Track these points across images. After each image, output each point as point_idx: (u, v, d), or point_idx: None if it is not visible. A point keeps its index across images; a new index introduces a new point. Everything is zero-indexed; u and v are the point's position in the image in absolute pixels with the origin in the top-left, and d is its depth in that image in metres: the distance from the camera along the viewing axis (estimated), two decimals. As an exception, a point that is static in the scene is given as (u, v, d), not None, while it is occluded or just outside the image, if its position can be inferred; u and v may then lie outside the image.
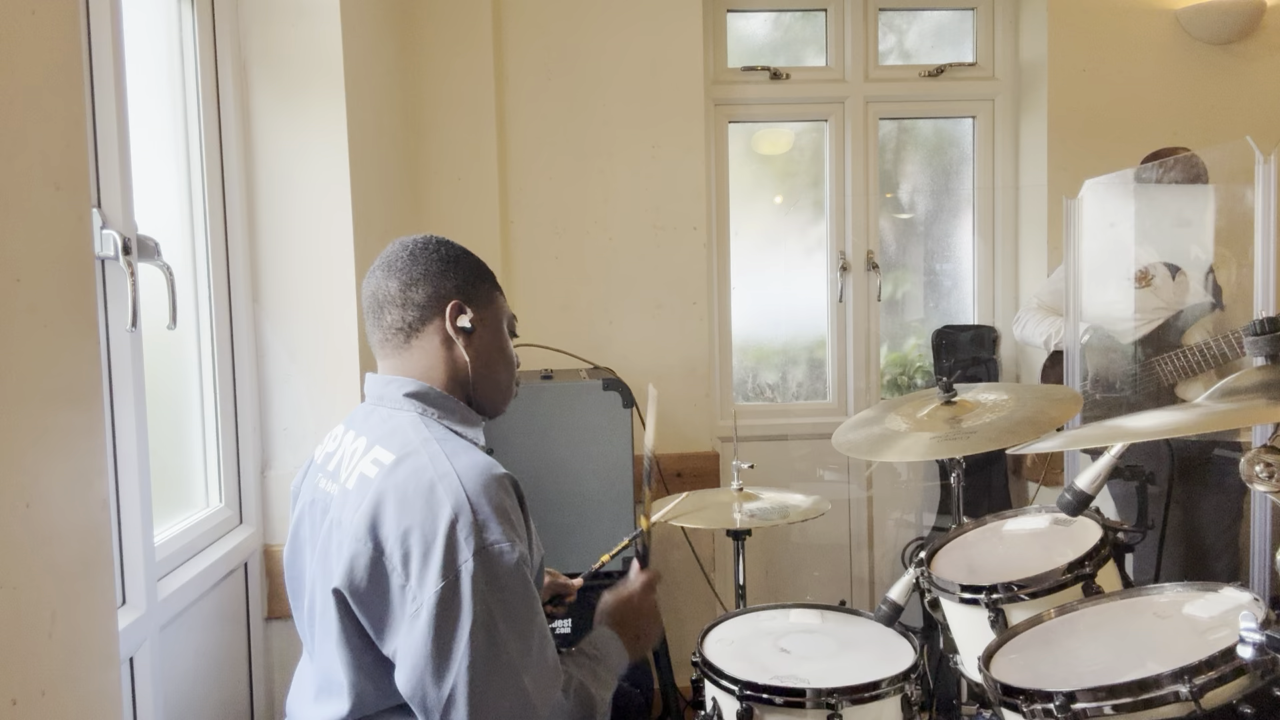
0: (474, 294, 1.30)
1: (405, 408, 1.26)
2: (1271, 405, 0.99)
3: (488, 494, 1.12)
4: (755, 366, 3.25)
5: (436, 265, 1.29)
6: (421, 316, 1.28)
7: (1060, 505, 1.48)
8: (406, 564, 1.10)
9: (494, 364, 1.33)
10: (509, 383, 1.37)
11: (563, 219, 2.86)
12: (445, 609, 1.08)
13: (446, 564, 1.08)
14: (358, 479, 1.20)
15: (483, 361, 1.31)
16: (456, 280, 1.29)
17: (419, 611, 1.08)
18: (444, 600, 1.08)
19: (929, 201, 3.27)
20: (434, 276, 1.28)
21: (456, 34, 2.74)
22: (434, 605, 1.07)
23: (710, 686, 1.56)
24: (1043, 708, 1.17)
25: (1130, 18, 3.01)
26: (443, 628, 1.08)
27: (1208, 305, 2.51)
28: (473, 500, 1.11)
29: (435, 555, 1.08)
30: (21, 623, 0.83)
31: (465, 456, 1.17)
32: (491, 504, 1.12)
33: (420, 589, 1.09)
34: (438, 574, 1.08)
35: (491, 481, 1.14)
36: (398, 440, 1.20)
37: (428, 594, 1.08)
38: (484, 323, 1.31)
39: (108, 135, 1.34)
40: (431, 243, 1.31)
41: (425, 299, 1.28)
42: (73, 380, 0.93)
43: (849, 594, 3.11)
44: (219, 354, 1.82)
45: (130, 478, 1.38)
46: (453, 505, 1.10)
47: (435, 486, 1.12)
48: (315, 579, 1.24)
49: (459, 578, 1.08)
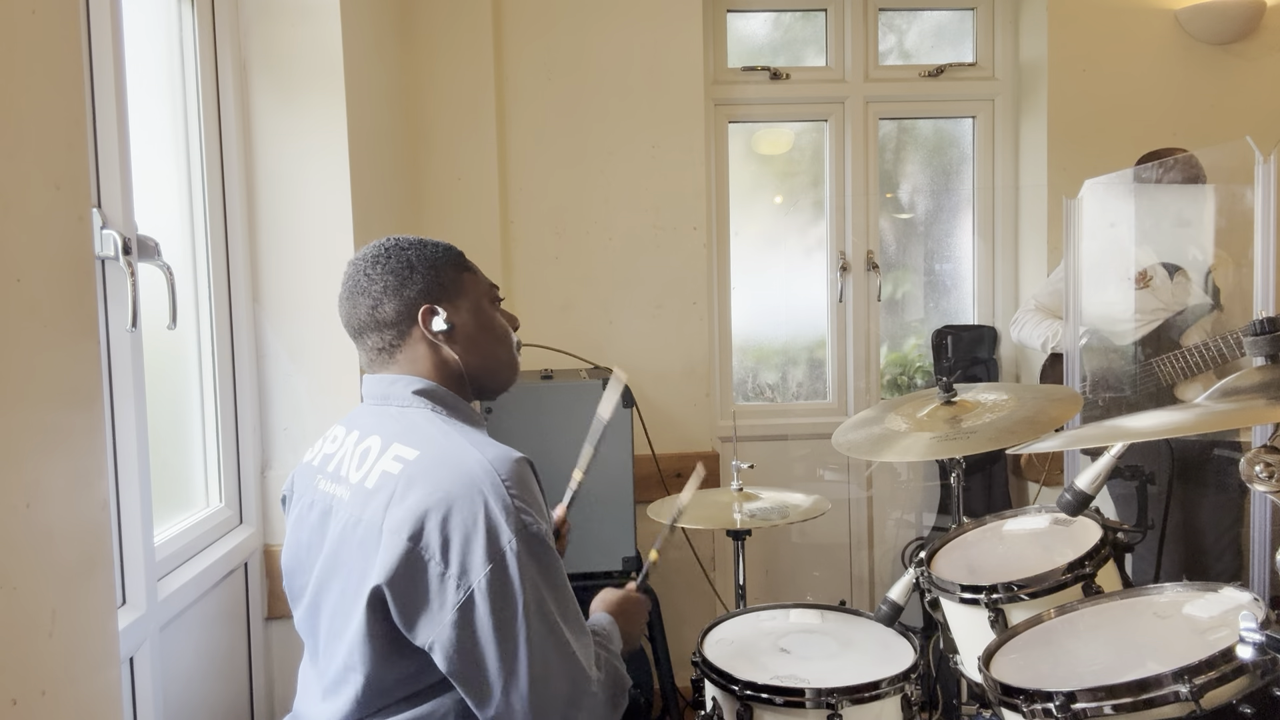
0: (441, 290, 1.29)
1: (415, 405, 1.26)
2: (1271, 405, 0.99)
3: (518, 477, 1.15)
4: (755, 366, 3.25)
5: (393, 278, 1.27)
6: (398, 332, 1.28)
7: (1060, 505, 1.48)
8: (446, 552, 1.11)
9: (485, 346, 1.32)
10: (509, 355, 1.36)
11: (563, 219, 2.86)
12: (497, 591, 1.09)
13: (491, 548, 1.10)
14: (379, 476, 1.19)
15: (473, 350, 1.31)
16: (420, 283, 1.28)
17: (469, 597, 1.10)
18: (494, 582, 1.09)
19: (929, 201, 3.27)
20: (394, 289, 1.27)
21: (457, 34, 2.74)
22: (485, 588, 1.09)
23: (710, 686, 1.56)
24: (1043, 708, 1.17)
25: (1130, 18, 3.01)
26: (497, 609, 1.09)
27: (1207, 306, 2.51)
28: (507, 484, 1.13)
29: (478, 540, 1.10)
30: (21, 623, 0.83)
31: (489, 444, 1.19)
32: (523, 486, 1.15)
33: (464, 575, 1.10)
34: (483, 558, 1.09)
35: (519, 465, 1.17)
36: (418, 435, 1.21)
37: (475, 578, 1.09)
38: (461, 312, 1.30)
39: (108, 135, 1.34)
40: (382, 254, 1.29)
41: (395, 315, 1.27)
42: (73, 380, 0.93)
43: (849, 594, 3.11)
44: (219, 354, 1.82)
45: (130, 478, 1.39)
46: (489, 490, 1.12)
47: (468, 474, 1.13)
48: (324, 580, 1.24)
49: (505, 559, 1.10)
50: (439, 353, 1.29)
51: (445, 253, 1.32)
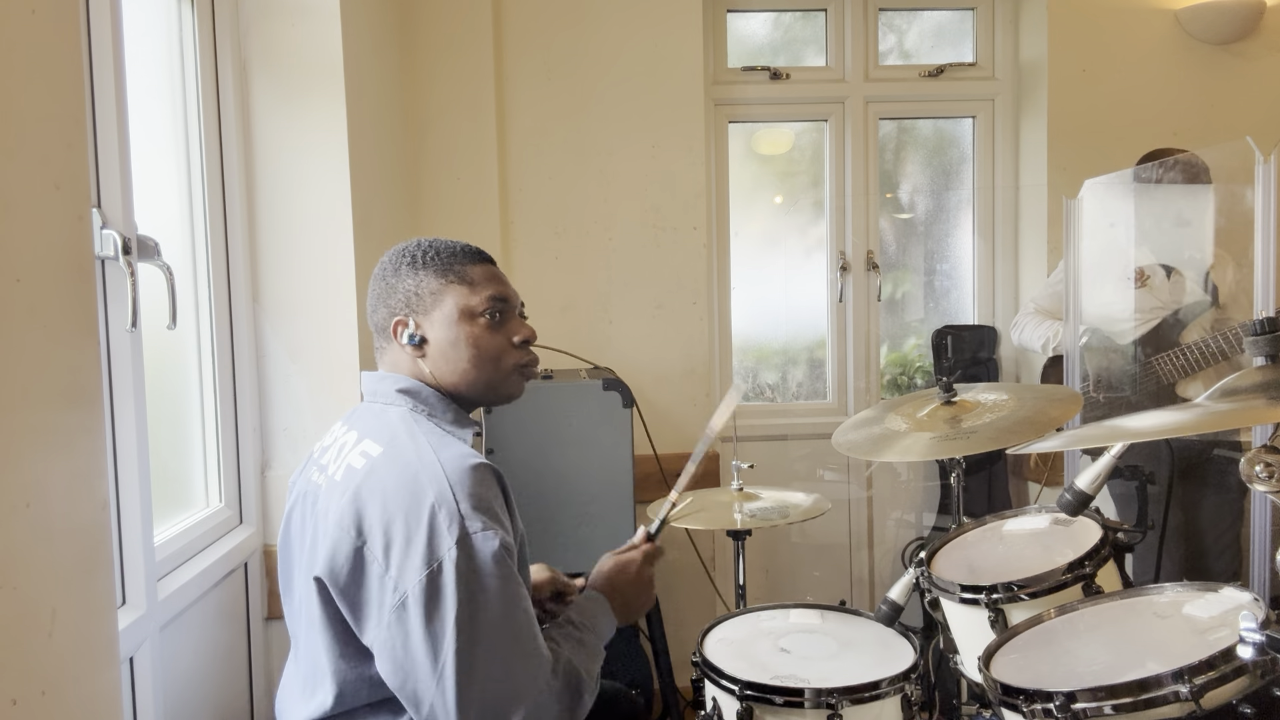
0: (418, 301, 1.29)
1: (396, 403, 1.28)
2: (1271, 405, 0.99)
3: (469, 483, 1.14)
4: (755, 366, 3.25)
5: (383, 285, 1.31)
6: (384, 338, 1.33)
7: (1060, 505, 1.48)
8: (388, 553, 1.11)
9: (456, 364, 1.29)
10: (488, 373, 1.30)
11: (563, 219, 2.86)
12: (429, 597, 1.09)
13: (429, 552, 1.09)
14: (345, 470, 1.21)
15: (443, 366, 1.30)
16: (402, 294, 1.30)
17: (403, 601, 1.09)
18: (428, 589, 1.09)
19: (929, 201, 3.27)
20: (383, 297, 1.32)
21: (457, 34, 2.74)
22: (419, 594, 1.09)
23: (710, 686, 1.56)
24: (1043, 708, 1.17)
25: (1130, 18, 3.01)
26: (427, 616, 1.09)
27: (1205, 304, 2.51)
28: (455, 490, 1.12)
29: (418, 544, 1.10)
30: (21, 623, 0.83)
31: (449, 448, 1.19)
32: (473, 493, 1.13)
33: (402, 577, 1.10)
34: (421, 562, 1.09)
35: (473, 471, 1.15)
36: (385, 433, 1.22)
37: (410, 582, 1.09)
38: (435, 326, 1.29)
39: (108, 135, 1.34)
40: (391, 258, 1.33)
41: (381, 322, 1.32)
42: (73, 380, 0.93)
43: (849, 594, 3.11)
44: (219, 354, 1.82)
45: (130, 478, 1.39)
46: (435, 495, 1.12)
47: (419, 476, 1.13)
48: (302, 570, 1.25)
49: (442, 566, 1.09)
50: (415, 364, 1.31)
51: (439, 261, 1.30)
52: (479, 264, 1.32)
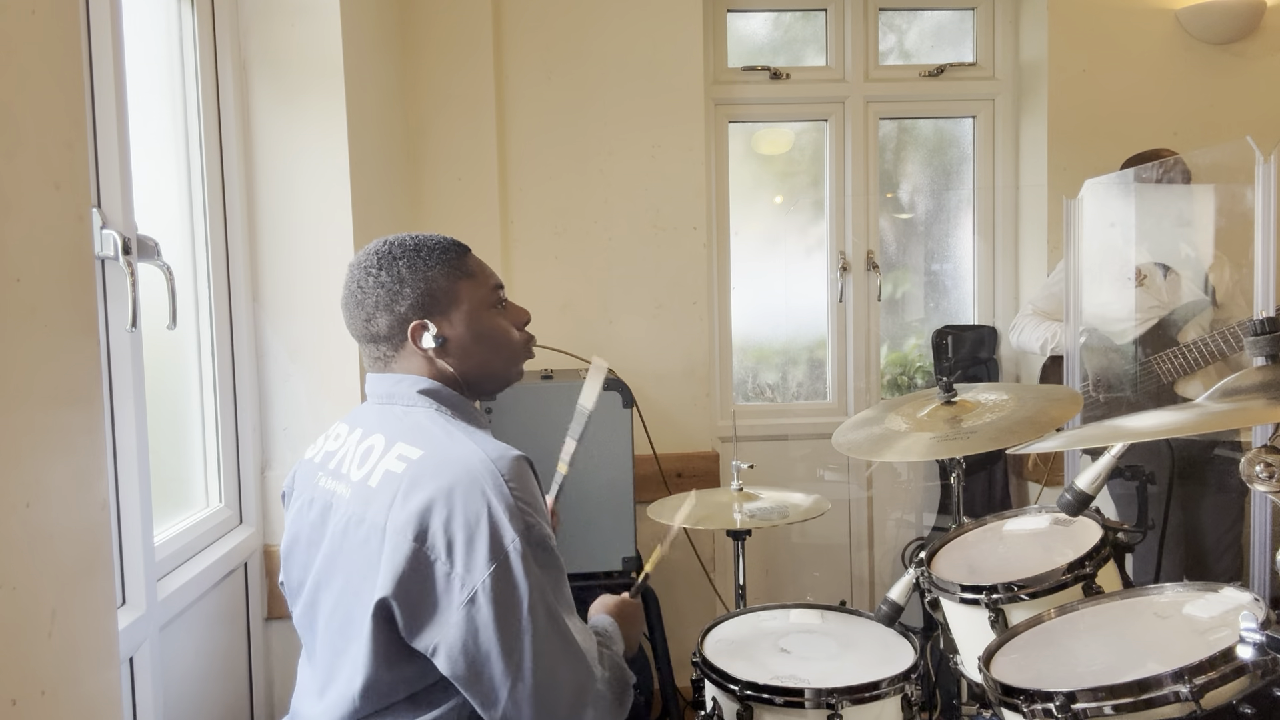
0: (433, 302, 1.27)
1: (420, 404, 1.26)
2: (1271, 405, 0.98)
3: (520, 476, 1.15)
4: (755, 366, 3.25)
5: (384, 292, 1.26)
6: (392, 345, 1.28)
7: (1060, 505, 1.48)
8: (451, 551, 1.11)
9: (479, 355, 1.30)
10: (507, 359, 1.34)
11: (563, 219, 2.86)
12: (501, 590, 1.10)
13: (494, 546, 1.10)
14: (383, 476, 1.19)
15: (467, 360, 1.30)
16: (410, 297, 1.26)
17: (474, 596, 1.10)
18: (498, 581, 1.10)
19: (929, 201, 3.27)
20: (385, 304, 1.26)
21: (457, 34, 2.74)
22: (490, 588, 1.09)
23: (710, 686, 1.56)
24: (1043, 708, 1.17)
25: (1130, 18, 3.01)
26: (501, 609, 1.09)
27: (1204, 303, 2.51)
28: (509, 484, 1.13)
29: (481, 539, 1.10)
30: (21, 623, 0.83)
31: (492, 444, 1.19)
32: (525, 485, 1.15)
33: (469, 574, 1.10)
34: (486, 557, 1.10)
35: (520, 463, 1.17)
36: (422, 435, 1.21)
37: (479, 578, 1.10)
38: (454, 324, 1.28)
39: (108, 135, 1.34)
40: (375, 263, 1.27)
41: (388, 329, 1.27)
42: (73, 380, 0.93)
43: (849, 594, 3.11)
44: (219, 354, 1.82)
45: (130, 478, 1.38)
46: (492, 490, 1.12)
47: (471, 473, 1.13)
48: (322, 578, 1.24)
49: (509, 558, 1.10)
50: (434, 364, 1.29)
51: (440, 258, 1.29)
52: (468, 255, 1.33)
